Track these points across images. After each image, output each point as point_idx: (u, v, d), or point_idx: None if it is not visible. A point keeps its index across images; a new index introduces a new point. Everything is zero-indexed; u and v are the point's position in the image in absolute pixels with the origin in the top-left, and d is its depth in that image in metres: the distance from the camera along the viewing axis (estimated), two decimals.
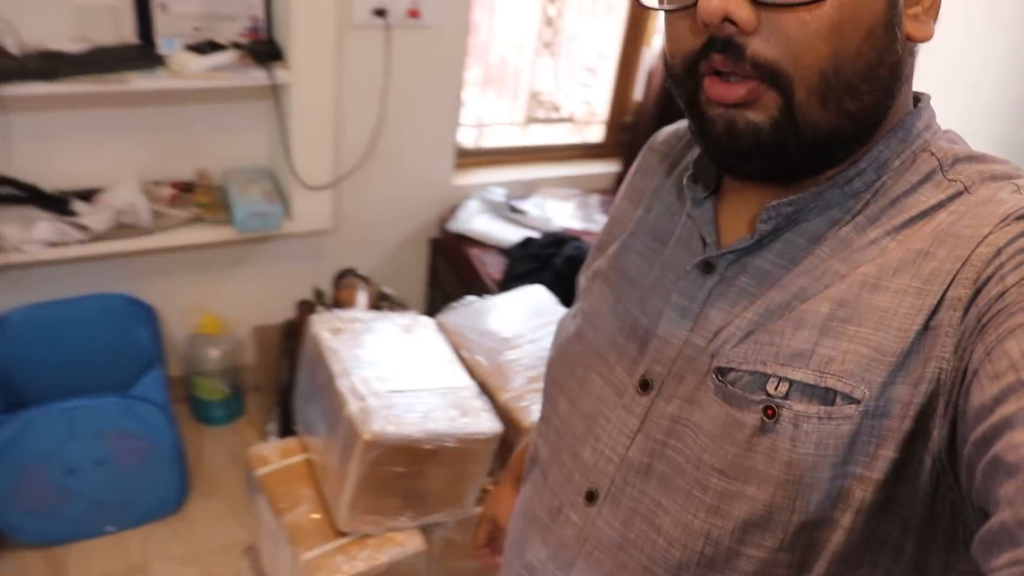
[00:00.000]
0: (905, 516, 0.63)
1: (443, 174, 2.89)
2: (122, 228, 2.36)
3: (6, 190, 2.28)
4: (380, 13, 2.43)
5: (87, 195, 2.36)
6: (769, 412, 0.65)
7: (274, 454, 1.78)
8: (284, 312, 2.61)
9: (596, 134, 3.28)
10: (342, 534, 1.63)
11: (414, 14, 2.49)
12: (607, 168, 3.24)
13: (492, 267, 2.62)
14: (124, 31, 2.18)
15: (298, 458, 1.78)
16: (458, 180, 2.93)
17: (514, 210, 2.83)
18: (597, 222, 2.98)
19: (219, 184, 2.55)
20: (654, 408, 0.74)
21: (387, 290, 2.36)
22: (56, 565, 2.31)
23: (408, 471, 1.56)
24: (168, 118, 2.41)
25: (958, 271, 0.61)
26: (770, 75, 0.62)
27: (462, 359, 1.79)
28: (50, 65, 2.02)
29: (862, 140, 0.67)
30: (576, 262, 2.50)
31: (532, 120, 3.17)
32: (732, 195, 0.76)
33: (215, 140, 2.50)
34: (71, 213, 2.31)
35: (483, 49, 2.96)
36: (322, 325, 1.74)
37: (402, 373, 1.67)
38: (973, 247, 0.61)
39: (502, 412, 1.69)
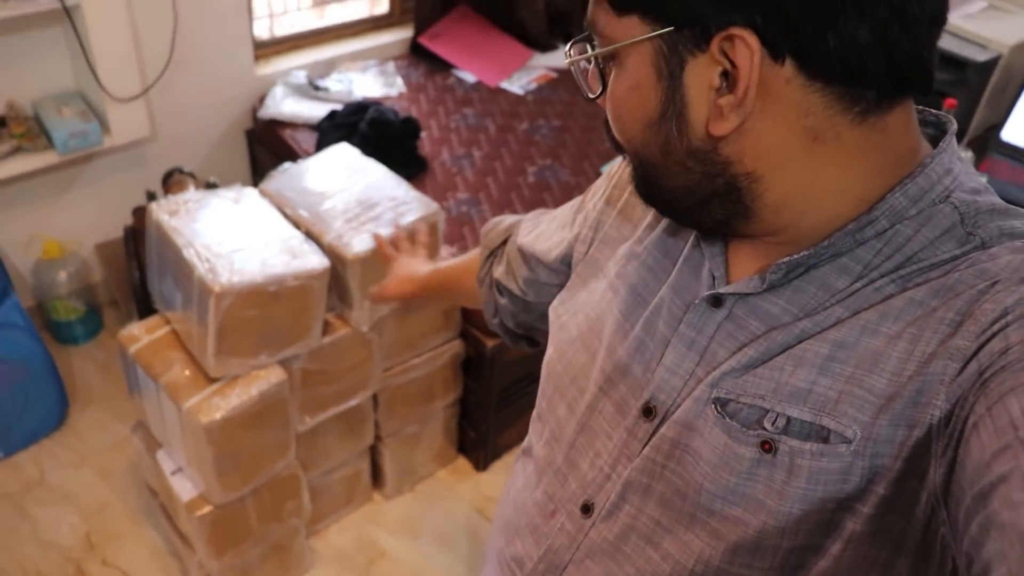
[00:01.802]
0: (896, 540, 0.64)
1: (245, 67, 3.04)
2: None
3: None
4: None
5: None
6: (767, 446, 0.67)
7: (141, 332, 2.00)
8: (122, 224, 2.72)
9: (383, 6, 3.47)
10: (214, 380, 1.88)
11: None
12: (398, 35, 3.45)
13: (305, 143, 2.83)
14: None
15: (163, 330, 2.00)
16: (261, 70, 3.09)
17: (317, 88, 3.03)
18: (397, 86, 3.21)
19: (32, 114, 2.63)
20: (656, 434, 0.75)
21: (213, 179, 2.55)
22: None
23: (257, 313, 1.81)
24: None
25: (960, 323, 0.61)
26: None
27: (286, 216, 2.03)
28: None
29: (732, 204, 0.69)
30: (378, 124, 2.74)
31: (320, 2, 3.33)
32: None
33: (18, 72, 2.56)
34: None
35: None
36: (160, 210, 1.94)
37: (237, 235, 1.89)
38: (979, 302, 0.61)
39: (327, 251, 1.95)
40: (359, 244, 1.96)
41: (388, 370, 2.27)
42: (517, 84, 3.37)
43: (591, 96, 0.74)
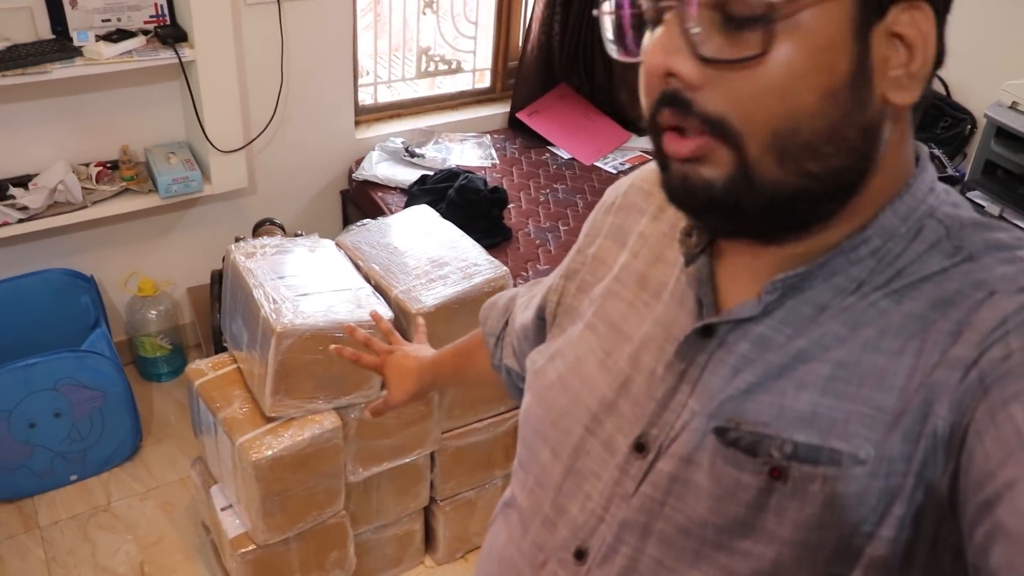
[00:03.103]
0: (907, 556, 0.62)
1: (346, 130, 3.16)
2: (57, 205, 2.59)
3: None
4: None
5: (22, 182, 2.60)
6: (775, 473, 0.64)
7: (208, 368, 2.06)
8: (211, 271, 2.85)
9: (484, 80, 3.58)
10: (270, 420, 1.92)
11: None
12: (498, 110, 3.56)
13: (395, 206, 2.91)
14: (40, 29, 2.41)
15: (229, 368, 2.06)
16: (361, 134, 3.22)
17: (412, 154, 3.12)
18: (491, 157, 3.28)
19: (142, 160, 2.80)
20: (652, 470, 0.72)
21: (300, 232, 2.63)
22: (27, 514, 2.56)
23: (317, 358, 1.85)
24: (90, 104, 2.64)
25: (960, 333, 0.61)
26: (720, 130, 0.60)
27: (358, 268, 2.09)
28: None
29: (841, 200, 0.64)
30: (466, 191, 2.80)
31: (425, 74, 3.45)
32: (728, 251, 0.73)
33: (134, 120, 2.74)
34: (9, 197, 2.55)
35: (373, 13, 3.23)
36: (239, 251, 2.02)
37: (307, 281, 1.95)
38: (978, 312, 0.61)
39: (393, 304, 1.99)
40: (426, 299, 1.99)
41: (447, 432, 2.27)
42: (611, 164, 3.41)
43: (739, 57, 0.59)
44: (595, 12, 0.69)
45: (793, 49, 0.58)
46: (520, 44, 3.47)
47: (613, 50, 0.69)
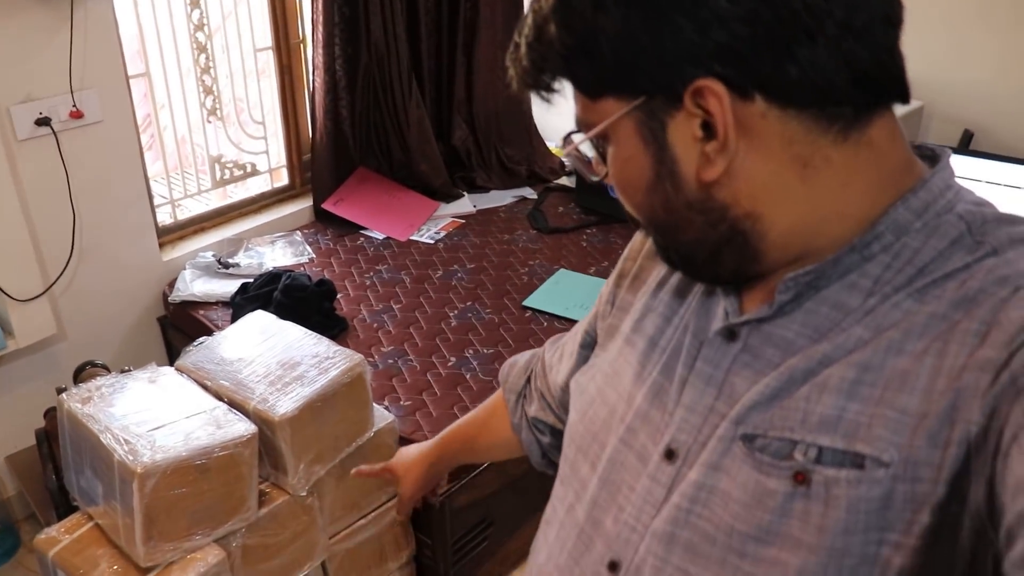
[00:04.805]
0: (944, 572, 0.61)
1: (151, 254, 3.01)
2: None
3: None
4: (43, 122, 2.53)
5: None
6: (799, 478, 0.65)
7: (60, 533, 1.87)
8: (34, 431, 2.61)
9: (282, 178, 3.52)
10: (147, 571, 1.75)
11: (77, 115, 2.60)
12: (302, 205, 3.49)
13: (221, 321, 2.78)
14: None
15: (86, 527, 1.88)
16: (167, 256, 3.07)
17: (226, 265, 3.01)
18: (306, 253, 3.21)
19: None
20: (679, 477, 0.74)
21: (128, 368, 2.47)
22: None
23: (186, 491, 1.72)
24: None
25: (986, 333, 0.60)
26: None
27: (207, 388, 1.97)
28: None
29: (737, 249, 0.71)
30: (292, 290, 2.72)
31: (222, 182, 3.35)
32: None
33: None
34: None
35: (156, 128, 3.11)
36: (72, 399, 1.86)
37: (157, 414, 1.82)
38: (1003, 310, 0.60)
39: (254, 417, 1.88)
40: (285, 405, 1.90)
41: (334, 536, 2.16)
42: (427, 235, 3.40)
43: (596, 178, 0.77)
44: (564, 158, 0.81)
45: (614, 165, 0.73)
46: (310, 136, 3.43)
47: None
